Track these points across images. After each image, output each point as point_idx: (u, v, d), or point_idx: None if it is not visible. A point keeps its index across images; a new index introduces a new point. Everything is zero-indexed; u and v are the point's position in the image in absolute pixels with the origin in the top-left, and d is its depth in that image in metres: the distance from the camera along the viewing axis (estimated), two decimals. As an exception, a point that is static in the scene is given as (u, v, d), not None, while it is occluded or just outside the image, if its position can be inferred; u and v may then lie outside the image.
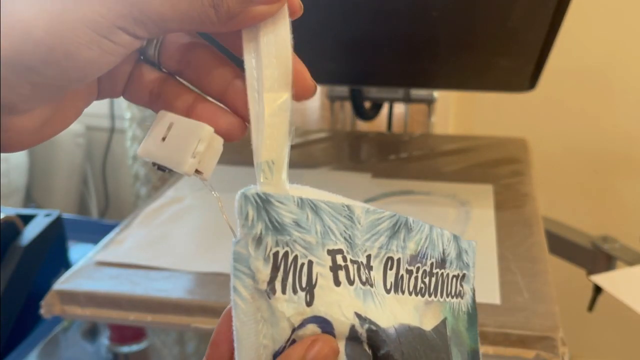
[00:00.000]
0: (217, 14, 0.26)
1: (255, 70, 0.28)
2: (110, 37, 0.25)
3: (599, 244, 0.93)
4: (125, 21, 0.25)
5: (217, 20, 0.27)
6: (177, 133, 0.29)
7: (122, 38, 0.25)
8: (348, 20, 0.71)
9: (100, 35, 0.25)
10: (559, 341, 0.54)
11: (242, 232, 0.27)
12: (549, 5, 0.62)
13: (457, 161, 0.92)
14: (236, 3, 0.26)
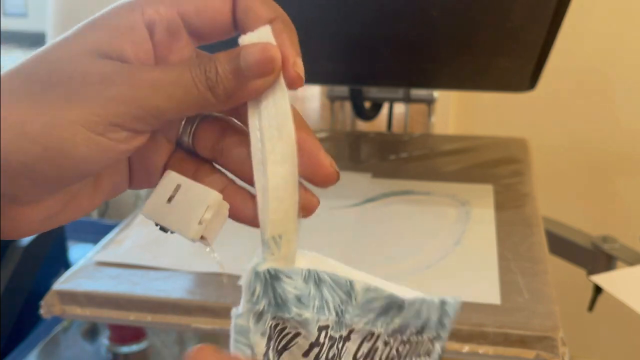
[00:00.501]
0: (215, 95, 0.26)
1: (260, 143, 0.28)
2: (107, 134, 0.25)
3: (599, 244, 0.93)
4: (122, 119, 0.25)
5: (217, 102, 0.26)
6: (184, 197, 0.29)
7: (119, 135, 0.25)
8: (348, 20, 0.71)
9: (96, 134, 0.25)
10: (559, 341, 0.54)
11: (245, 306, 0.27)
12: (549, 5, 0.62)
13: (457, 161, 0.92)
14: (232, 82, 0.26)
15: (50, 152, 0.25)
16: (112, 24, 0.27)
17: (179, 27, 0.28)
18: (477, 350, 0.55)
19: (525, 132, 1.03)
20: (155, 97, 0.25)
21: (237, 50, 0.27)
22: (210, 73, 0.26)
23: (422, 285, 0.61)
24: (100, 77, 0.25)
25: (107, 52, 0.26)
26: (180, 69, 0.26)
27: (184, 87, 0.26)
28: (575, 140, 1.34)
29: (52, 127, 0.25)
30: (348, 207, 0.77)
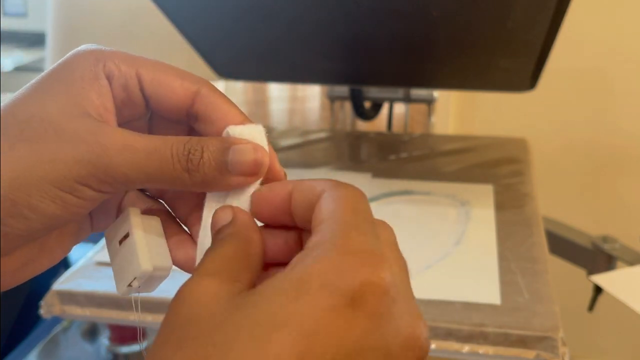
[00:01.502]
0: (191, 178, 0.26)
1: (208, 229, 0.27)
2: (75, 193, 0.26)
3: (599, 244, 0.93)
4: (89, 180, 0.25)
5: (191, 184, 0.27)
6: (126, 251, 0.28)
7: (86, 194, 0.26)
8: (348, 20, 0.71)
9: (63, 192, 0.25)
10: (559, 341, 0.54)
11: None
12: (549, 5, 0.62)
13: (457, 161, 0.92)
14: (214, 171, 0.26)
15: (20, 207, 0.25)
16: (79, 74, 0.27)
17: (134, 87, 0.28)
18: (477, 350, 0.55)
19: (525, 132, 1.03)
20: (125, 165, 0.26)
21: (229, 143, 0.27)
22: (194, 156, 0.26)
23: (422, 285, 0.61)
24: (71, 136, 0.25)
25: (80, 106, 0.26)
26: (160, 142, 0.26)
27: (159, 163, 0.26)
28: (575, 140, 1.34)
29: (21, 182, 0.25)
30: (348, 207, 0.77)
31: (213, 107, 0.28)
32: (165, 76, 0.28)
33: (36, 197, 0.25)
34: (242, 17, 0.74)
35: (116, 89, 0.28)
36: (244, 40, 0.79)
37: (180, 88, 0.28)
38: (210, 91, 0.28)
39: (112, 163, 0.25)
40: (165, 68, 0.28)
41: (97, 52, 0.28)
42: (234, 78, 1.00)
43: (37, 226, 0.26)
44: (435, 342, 0.55)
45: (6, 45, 1.49)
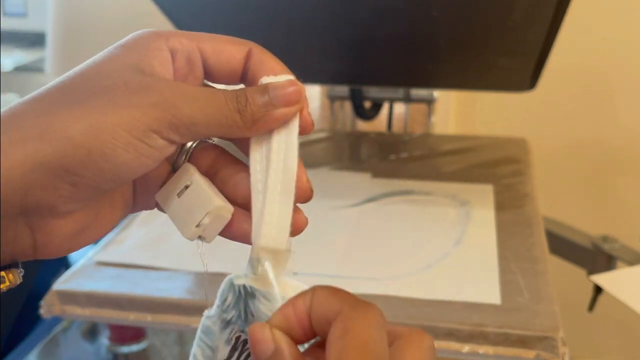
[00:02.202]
0: (242, 118, 0.28)
1: (260, 173, 0.29)
2: (146, 140, 0.26)
3: (599, 244, 0.93)
4: (160, 125, 0.26)
5: (243, 125, 0.28)
6: (190, 197, 0.30)
7: (156, 142, 0.27)
8: (348, 20, 0.71)
9: (136, 138, 0.26)
10: (559, 341, 0.54)
11: (216, 310, 0.28)
12: (549, 5, 0.62)
13: (457, 161, 0.92)
14: (259, 107, 0.28)
15: (93, 156, 0.26)
16: (142, 44, 0.29)
17: (197, 60, 0.30)
18: (477, 350, 0.55)
19: (525, 132, 1.03)
20: (191, 108, 0.27)
21: (265, 85, 0.29)
22: (241, 98, 0.28)
23: (422, 285, 0.61)
24: (140, 86, 0.27)
25: (141, 68, 0.28)
26: (214, 89, 0.28)
27: (217, 105, 0.28)
28: (575, 140, 1.34)
29: (96, 130, 0.25)
30: (348, 207, 0.77)
31: (261, 64, 0.30)
32: (223, 44, 0.30)
33: (110, 145, 0.26)
34: (242, 17, 0.74)
35: (179, 62, 0.29)
36: (244, 40, 0.79)
37: (237, 52, 0.30)
38: (259, 50, 0.31)
39: (179, 107, 0.27)
40: (219, 38, 0.30)
41: (158, 31, 0.30)
42: (234, 78, 0.99)
43: (107, 177, 0.26)
44: (435, 342, 0.55)
45: (6, 45, 1.49)
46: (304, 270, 0.63)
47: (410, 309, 0.57)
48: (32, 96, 0.27)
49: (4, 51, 1.44)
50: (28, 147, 0.25)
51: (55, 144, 0.25)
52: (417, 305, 0.58)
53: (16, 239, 0.27)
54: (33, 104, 0.26)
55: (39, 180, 0.25)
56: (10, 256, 0.27)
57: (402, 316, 0.56)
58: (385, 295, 0.59)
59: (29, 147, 0.25)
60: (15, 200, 0.25)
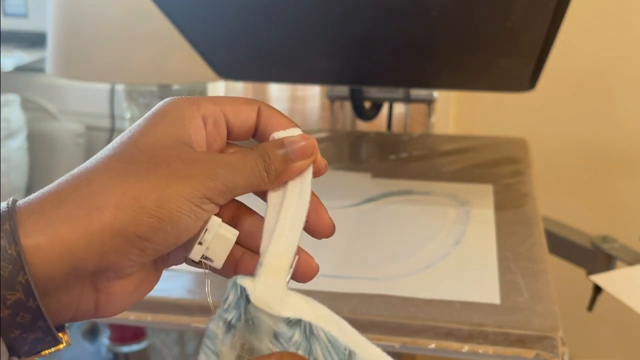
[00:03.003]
0: (268, 175, 0.32)
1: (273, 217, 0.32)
2: (203, 206, 0.30)
3: (598, 243, 0.93)
4: (213, 192, 0.30)
5: (268, 180, 0.32)
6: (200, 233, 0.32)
7: (209, 206, 0.30)
8: (348, 20, 0.71)
9: (196, 205, 0.30)
10: (559, 341, 0.54)
11: (218, 311, 0.29)
12: (549, 5, 0.62)
13: (457, 161, 0.92)
14: (280, 164, 0.33)
15: (163, 223, 0.29)
16: (178, 115, 0.32)
17: (222, 122, 0.33)
18: (477, 350, 0.55)
19: (525, 132, 1.03)
20: (234, 175, 0.31)
21: (279, 141, 0.33)
22: (265, 157, 0.32)
23: (422, 285, 0.61)
24: (192, 159, 0.31)
25: (182, 139, 0.31)
26: (244, 154, 0.32)
27: (250, 168, 0.32)
28: (575, 140, 1.34)
29: (164, 201, 0.29)
30: (348, 207, 0.77)
31: (270, 118, 0.34)
32: (240, 106, 0.34)
33: (177, 213, 0.29)
34: (242, 17, 0.74)
35: (209, 126, 0.33)
36: (244, 41, 0.79)
37: (250, 110, 0.34)
38: (265, 105, 0.35)
39: (225, 176, 0.31)
40: (235, 100, 0.34)
41: (189, 99, 0.33)
42: (234, 78, 1.00)
43: (171, 240, 0.30)
44: (435, 341, 0.55)
45: (6, 45, 1.49)
46: (304, 270, 0.63)
47: (410, 308, 0.58)
48: (94, 165, 0.30)
49: (4, 51, 1.44)
50: (106, 216, 0.28)
51: (131, 214, 0.28)
52: (417, 305, 0.58)
53: (80, 300, 0.30)
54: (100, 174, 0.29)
55: (115, 246, 0.28)
56: (72, 316, 0.30)
57: (402, 316, 0.56)
58: (385, 295, 0.59)
59: (107, 216, 0.28)
60: (91, 265, 0.28)
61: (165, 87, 1.16)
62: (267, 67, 0.88)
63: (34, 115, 1.51)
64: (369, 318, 0.56)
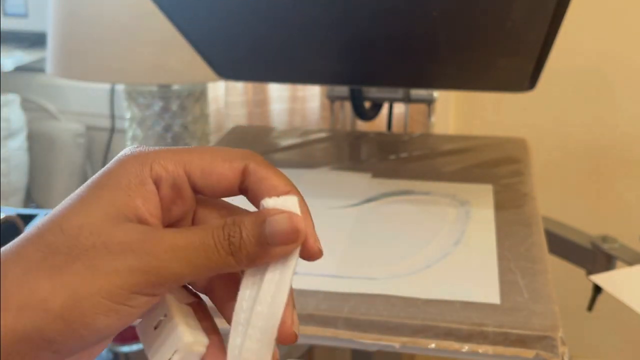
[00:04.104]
0: (236, 260, 0.27)
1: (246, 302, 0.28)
2: (128, 303, 0.26)
3: (598, 243, 0.93)
4: (142, 287, 0.26)
5: (237, 264, 0.27)
6: (164, 330, 0.29)
7: (139, 301, 0.26)
8: (348, 20, 0.71)
9: (117, 304, 0.26)
10: (559, 341, 0.54)
11: None
12: (549, 5, 0.62)
13: (457, 161, 0.92)
14: (254, 247, 0.27)
15: (74, 325, 0.25)
16: (124, 182, 0.28)
17: (183, 185, 0.29)
18: (477, 350, 0.55)
19: (525, 132, 1.03)
20: (175, 264, 0.26)
21: (263, 217, 0.28)
22: (234, 238, 0.27)
23: (421, 285, 0.61)
24: (120, 247, 0.26)
25: (124, 213, 0.27)
26: (202, 233, 0.27)
27: (206, 253, 0.27)
28: (575, 140, 1.34)
29: (75, 301, 0.25)
30: (348, 207, 0.77)
31: (261, 180, 0.29)
32: (213, 165, 0.29)
33: (90, 314, 0.25)
34: (242, 17, 0.74)
35: (165, 190, 0.28)
36: (244, 41, 0.79)
37: (229, 170, 0.29)
38: (258, 165, 0.29)
39: (162, 266, 0.26)
40: (210, 156, 0.29)
41: (142, 155, 0.28)
42: (234, 78, 1.00)
43: (88, 340, 0.26)
44: (435, 341, 0.55)
45: (6, 45, 1.49)
46: (303, 271, 0.63)
47: (410, 308, 0.58)
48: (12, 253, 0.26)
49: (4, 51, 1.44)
50: (8, 319, 0.25)
51: (34, 317, 0.25)
52: (417, 305, 0.58)
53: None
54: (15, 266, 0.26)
55: (21, 351, 0.25)
56: None
57: (402, 316, 0.56)
58: (385, 295, 0.59)
59: (9, 319, 0.25)
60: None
61: (165, 87, 1.16)
62: (267, 67, 0.88)
63: (34, 115, 1.51)
64: (369, 318, 0.56)
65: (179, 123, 1.18)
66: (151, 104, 1.17)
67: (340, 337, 0.56)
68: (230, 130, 1.08)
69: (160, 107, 1.17)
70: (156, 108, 1.17)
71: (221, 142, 1.00)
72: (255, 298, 0.28)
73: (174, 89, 1.16)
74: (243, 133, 1.07)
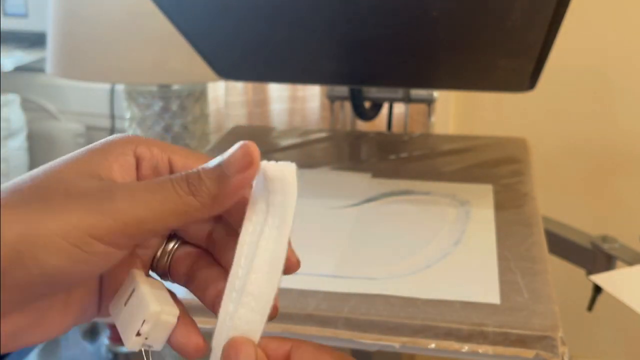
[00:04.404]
0: (199, 199, 0.27)
1: (242, 269, 0.28)
2: (83, 247, 0.25)
3: (598, 243, 0.93)
4: (99, 230, 0.25)
5: (201, 206, 0.27)
6: (132, 304, 0.28)
7: (96, 248, 0.25)
8: (348, 20, 0.71)
9: (72, 245, 0.25)
10: (559, 341, 0.54)
11: None
12: (549, 5, 0.62)
13: (457, 161, 0.92)
14: (214, 183, 0.27)
15: (24, 259, 0.25)
16: (108, 149, 0.28)
17: (164, 171, 0.29)
18: (477, 350, 0.55)
19: (525, 132, 1.03)
20: (133, 206, 0.26)
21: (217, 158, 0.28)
22: (192, 179, 0.27)
23: (421, 285, 0.61)
24: (81, 192, 0.26)
25: (96, 172, 0.27)
26: (162, 179, 0.27)
27: (164, 195, 0.26)
28: (575, 140, 1.34)
29: (29, 234, 0.25)
30: (348, 207, 0.77)
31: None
32: (196, 162, 0.29)
33: (42, 249, 0.25)
34: (242, 17, 0.74)
35: (145, 170, 0.29)
36: (244, 41, 0.79)
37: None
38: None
39: (119, 208, 0.26)
40: (194, 155, 0.29)
41: (132, 137, 0.29)
42: (234, 78, 1.00)
43: (38, 281, 0.25)
44: (435, 341, 0.55)
45: (6, 45, 1.49)
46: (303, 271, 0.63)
47: (410, 308, 0.58)
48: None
49: (4, 51, 1.44)
50: None
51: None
52: (417, 305, 0.58)
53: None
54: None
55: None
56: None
57: (402, 316, 0.56)
58: (384, 295, 0.59)
59: None
60: None
61: (165, 87, 1.16)
62: (267, 67, 0.88)
63: (34, 115, 1.51)
64: (368, 318, 0.56)
65: (179, 123, 1.18)
66: (151, 104, 1.17)
67: (340, 337, 0.56)
68: (230, 130, 1.08)
69: (160, 107, 1.17)
70: (156, 108, 1.17)
71: (221, 142, 1.00)
72: (250, 266, 0.27)
73: (174, 89, 1.16)
74: (243, 133, 1.07)
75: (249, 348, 0.27)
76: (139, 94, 1.17)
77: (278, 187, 0.28)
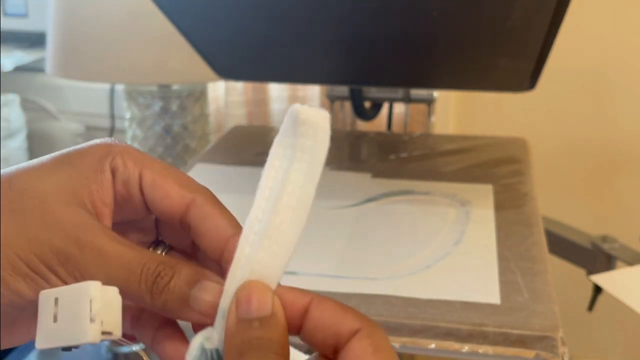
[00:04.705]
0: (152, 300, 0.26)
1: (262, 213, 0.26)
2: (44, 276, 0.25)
3: (598, 243, 0.93)
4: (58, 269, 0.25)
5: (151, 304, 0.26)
6: (66, 304, 0.26)
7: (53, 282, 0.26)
8: (348, 19, 0.71)
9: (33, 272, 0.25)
10: (559, 341, 0.54)
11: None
12: (549, 5, 0.62)
13: (457, 161, 0.92)
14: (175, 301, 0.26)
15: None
16: (86, 164, 0.28)
17: (134, 185, 0.28)
18: (477, 350, 0.55)
19: (525, 132, 1.03)
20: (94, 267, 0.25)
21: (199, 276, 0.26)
22: (162, 280, 0.26)
23: (421, 285, 0.61)
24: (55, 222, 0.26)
25: (77, 192, 0.27)
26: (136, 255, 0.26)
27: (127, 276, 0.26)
28: (575, 140, 1.34)
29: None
30: (348, 207, 0.77)
31: (205, 218, 0.28)
32: (164, 180, 0.28)
33: (7, 270, 0.25)
34: (242, 17, 0.74)
35: (117, 184, 0.28)
36: (244, 41, 0.79)
37: (176, 195, 0.28)
38: (206, 201, 0.28)
39: (83, 261, 0.25)
40: (167, 172, 0.29)
41: (111, 145, 0.29)
42: (234, 78, 1.00)
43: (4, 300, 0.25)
44: (435, 341, 0.55)
45: (6, 45, 1.49)
46: (303, 270, 0.63)
47: (410, 308, 0.58)
48: None
49: (4, 51, 1.44)
50: None
51: None
52: (417, 305, 0.58)
53: None
54: None
55: None
56: None
57: (402, 316, 0.56)
58: (385, 295, 0.59)
59: None
60: None
61: (165, 87, 1.16)
62: (267, 67, 0.88)
63: (34, 115, 1.51)
64: (368, 318, 0.56)
65: (179, 123, 1.18)
66: (151, 104, 1.17)
67: (340, 337, 0.56)
68: (230, 130, 1.08)
69: (160, 107, 1.17)
70: (156, 108, 1.17)
71: (221, 142, 1.00)
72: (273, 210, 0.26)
73: (173, 89, 1.16)
74: (243, 133, 1.07)
75: (265, 293, 0.25)
76: (139, 94, 1.17)
77: (310, 132, 0.26)
